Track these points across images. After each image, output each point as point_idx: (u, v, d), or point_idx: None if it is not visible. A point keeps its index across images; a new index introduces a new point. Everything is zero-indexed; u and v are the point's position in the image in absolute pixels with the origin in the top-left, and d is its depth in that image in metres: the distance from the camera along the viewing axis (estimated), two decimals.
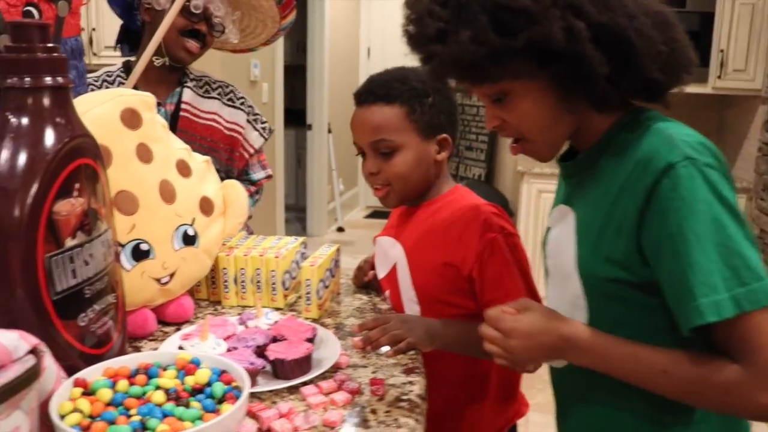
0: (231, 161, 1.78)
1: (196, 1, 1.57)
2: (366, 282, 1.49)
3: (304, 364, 1.04)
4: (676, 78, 0.94)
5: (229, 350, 1.05)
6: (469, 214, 1.27)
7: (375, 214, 6.78)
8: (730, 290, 0.80)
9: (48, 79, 0.86)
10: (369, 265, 1.50)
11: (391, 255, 1.39)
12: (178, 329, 1.23)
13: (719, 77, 3.37)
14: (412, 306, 1.33)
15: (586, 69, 0.88)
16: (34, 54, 0.85)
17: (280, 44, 4.48)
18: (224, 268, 1.33)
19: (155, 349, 1.14)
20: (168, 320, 1.24)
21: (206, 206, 1.28)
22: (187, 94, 1.71)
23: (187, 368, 0.90)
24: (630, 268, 0.89)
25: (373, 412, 0.95)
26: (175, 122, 1.68)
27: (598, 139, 0.98)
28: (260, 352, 1.05)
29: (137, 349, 1.14)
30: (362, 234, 5.83)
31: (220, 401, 0.85)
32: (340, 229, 6.01)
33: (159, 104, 1.64)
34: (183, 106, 1.71)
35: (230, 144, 1.77)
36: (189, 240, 1.22)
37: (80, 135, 0.89)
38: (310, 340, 1.11)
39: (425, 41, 0.93)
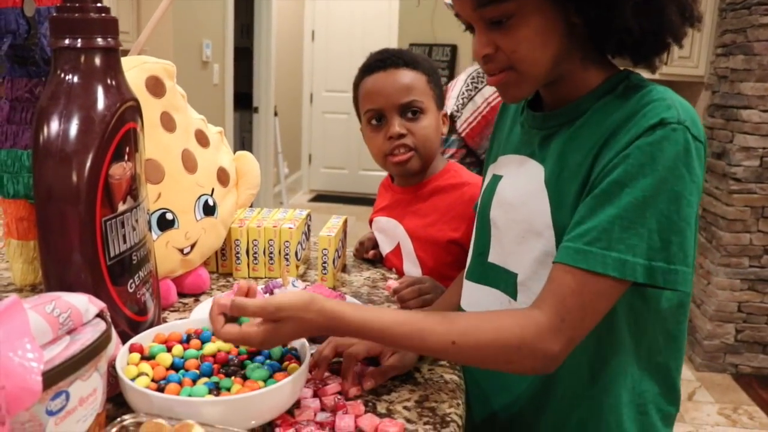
0: None
1: None
2: (367, 258, 1.51)
3: None
4: (683, 30, 0.86)
5: None
6: (470, 192, 1.33)
7: (319, 198, 6.77)
8: (650, 260, 0.78)
9: (99, 40, 0.84)
10: (371, 242, 1.52)
11: (393, 235, 1.42)
12: (197, 300, 1.22)
13: (665, 64, 3.51)
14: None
15: None
16: (87, 14, 0.83)
17: (230, 26, 4.40)
18: (236, 240, 1.33)
19: (179, 319, 1.13)
20: (185, 291, 1.23)
21: (223, 176, 1.27)
22: None
23: None
24: None
25: (418, 370, 0.98)
26: None
27: (583, 94, 0.90)
28: None
29: (163, 320, 1.13)
30: None
31: (280, 362, 0.86)
32: None
33: None
34: None
35: None
36: (209, 210, 1.21)
37: (130, 98, 0.88)
38: None
39: None
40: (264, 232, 1.33)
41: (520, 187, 0.95)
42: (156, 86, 1.12)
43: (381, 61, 1.32)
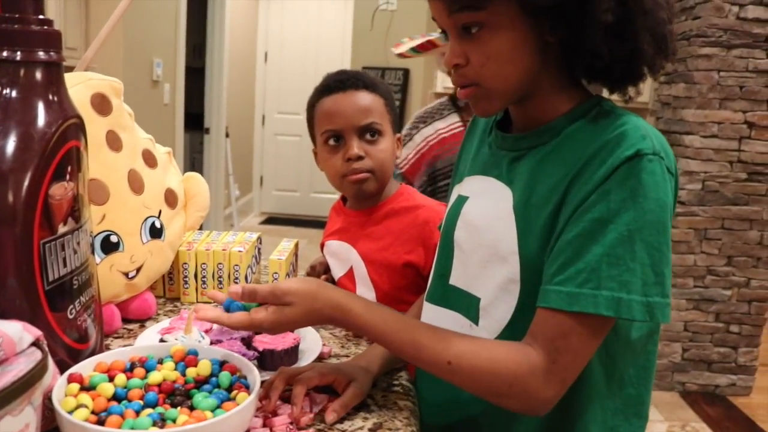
0: None
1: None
2: None
3: (292, 354, 1.03)
4: (658, 61, 0.85)
5: (212, 343, 1.02)
6: (424, 214, 1.33)
7: (270, 220, 6.70)
8: (647, 295, 0.76)
9: (41, 54, 0.81)
10: (322, 266, 1.49)
11: (345, 259, 1.39)
12: (142, 326, 1.17)
13: (640, 94, 3.61)
14: None
15: (589, 10, 0.79)
16: (28, 26, 0.80)
17: (182, 45, 4.35)
18: (184, 263, 1.29)
19: (124, 346, 1.08)
20: (130, 317, 1.18)
21: (171, 198, 1.23)
22: None
23: (187, 360, 0.87)
24: None
25: (371, 397, 0.96)
26: None
27: (553, 117, 0.88)
28: (246, 343, 1.03)
29: (106, 347, 1.08)
30: None
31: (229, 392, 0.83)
32: None
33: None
34: None
35: None
36: (156, 233, 1.17)
37: (73, 115, 0.84)
38: (291, 331, 1.09)
39: None
40: (213, 256, 1.30)
41: (487, 210, 0.93)
42: (102, 104, 1.08)
43: (340, 82, 1.30)
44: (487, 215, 0.93)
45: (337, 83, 1.31)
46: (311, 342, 1.10)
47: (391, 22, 4.04)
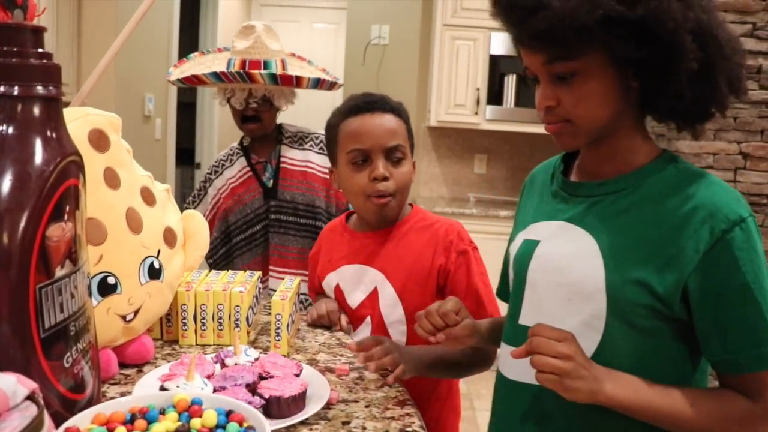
0: (329, 198, 2.00)
1: (233, 99, 1.93)
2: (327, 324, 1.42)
3: (300, 401, 0.98)
4: (728, 100, 0.94)
5: (215, 390, 0.97)
6: (442, 231, 1.37)
7: None
8: None
9: (39, 89, 0.77)
10: (337, 311, 1.41)
11: (366, 281, 1.37)
12: (140, 371, 1.12)
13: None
14: (398, 327, 1.34)
15: (676, 58, 0.88)
16: (26, 60, 0.76)
17: None
18: (183, 304, 1.24)
19: (123, 393, 1.03)
20: (128, 361, 1.13)
21: (170, 237, 1.18)
22: (285, 150, 2.02)
23: (191, 410, 0.82)
24: (667, 302, 0.91)
25: None
26: (277, 173, 2.00)
27: (630, 164, 0.98)
28: (251, 390, 0.98)
29: (103, 395, 1.02)
30: None
31: None
32: None
33: (266, 162, 2.01)
34: (282, 159, 2.01)
35: (325, 184, 1.99)
36: (155, 273, 1.12)
37: (72, 152, 0.80)
38: (298, 376, 1.05)
39: None
40: (213, 296, 1.25)
41: (566, 252, 0.99)
42: (100, 140, 1.04)
43: (368, 104, 1.33)
44: (568, 256, 0.98)
45: (365, 104, 1.33)
46: (319, 387, 1.05)
47: (383, 56, 4.04)
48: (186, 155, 5.47)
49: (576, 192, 1.03)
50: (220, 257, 2.06)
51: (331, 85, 2.06)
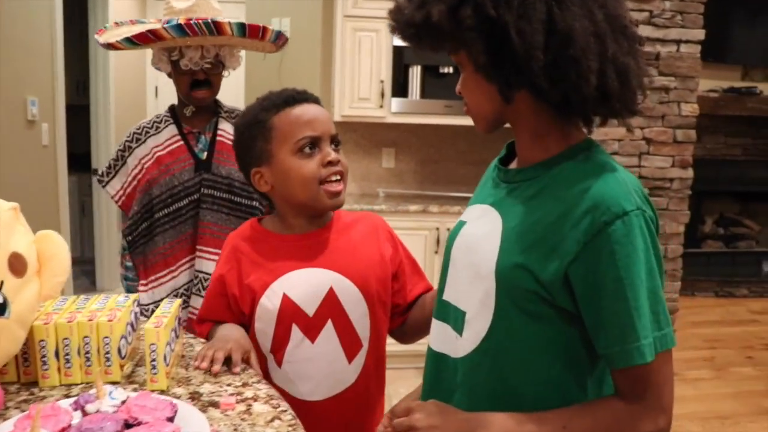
0: None
1: (184, 60, 1.77)
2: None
3: None
4: (624, 95, 0.92)
5: None
6: (373, 222, 1.41)
7: None
8: (653, 333, 0.89)
9: None
10: (245, 351, 1.20)
11: (317, 284, 1.28)
12: None
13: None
14: (363, 322, 1.32)
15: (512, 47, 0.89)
16: None
17: (60, 81, 4.04)
18: (42, 340, 1.07)
19: None
20: None
21: (17, 264, 1.02)
22: (222, 123, 1.89)
23: None
24: (549, 289, 0.92)
25: None
26: (213, 145, 1.86)
27: (547, 157, 0.99)
28: None
29: None
30: None
31: None
32: None
33: (200, 133, 1.87)
34: (219, 131, 1.87)
35: None
36: None
37: None
38: (172, 419, 0.91)
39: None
40: (77, 328, 1.09)
41: (479, 234, 1.04)
42: None
43: (301, 94, 1.32)
44: (478, 237, 1.04)
45: (299, 95, 1.32)
46: (198, 427, 0.92)
47: (284, 50, 3.89)
48: (80, 161, 5.16)
49: (503, 178, 1.06)
50: (140, 233, 1.84)
51: (284, 42, 1.92)
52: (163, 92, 6.27)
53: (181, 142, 1.85)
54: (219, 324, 1.33)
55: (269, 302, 1.28)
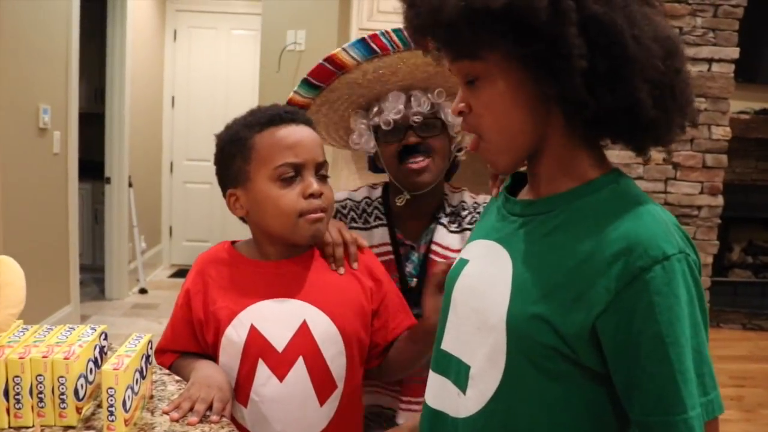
0: None
1: (384, 116, 1.32)
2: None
3: None
4: (668, 117, 0.79)
5: None
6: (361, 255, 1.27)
7: (180, 273, 6.25)
8: (700, 400, 0.75)
9: None
10: (226, 395, 1.09)
11: (289, 316, 1.16)
12: None
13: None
14: (339, 361, 1.18)
15: (562, 56, 0.74)
16: None
17: (74, 89, 3.98)
18: None
19: None
20: None
21: None
22: (440, 233, 1.38)
23: None
24: (572, 345, 0.78)
25: None
26: (425, 268, 1.37)
27: (568, 188, 0.85)
28: None
29: None
30: (167, 295, 5.29)
31: None
32: (143, 291, 5.43)
33: (412, 248, 1.39)
34: (433, 247, 1.38)
35: None
36: None
37: None
38: None
39: None
40: (30, 365, 0.98)
41: (485, 275, 0.90)
42: None
43: (289, 113, 1.18)
44: (485, 280, 0.90)
45: (288, 114, 1.18)
46: None
47: (299, 62, 3.81)
48: (94, 169, 5.11)
49: (512, 210, 0.92)
50: None
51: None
52: (179, 102, 6.22)
53: (392, 258, 1.38)
54: (185, 355, 1.23)
55: (235, 333, 1.16)
